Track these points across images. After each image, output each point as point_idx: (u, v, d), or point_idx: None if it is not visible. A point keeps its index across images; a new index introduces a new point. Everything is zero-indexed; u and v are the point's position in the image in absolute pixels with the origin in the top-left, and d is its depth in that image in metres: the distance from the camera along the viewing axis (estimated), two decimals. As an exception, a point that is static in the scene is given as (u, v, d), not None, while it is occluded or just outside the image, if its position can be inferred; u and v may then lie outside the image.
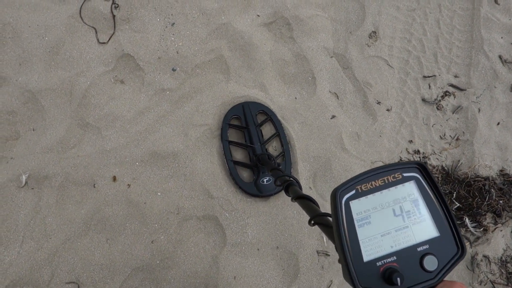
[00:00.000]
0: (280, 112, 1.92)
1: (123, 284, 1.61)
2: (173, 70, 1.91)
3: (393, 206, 0.65)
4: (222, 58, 1.96)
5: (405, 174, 0.67)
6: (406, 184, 0.66)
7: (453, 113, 2.08)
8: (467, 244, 1.87)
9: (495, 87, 2.15)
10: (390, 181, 0.66)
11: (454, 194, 1.91)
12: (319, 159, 1.89)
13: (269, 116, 1.90)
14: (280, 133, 1.88)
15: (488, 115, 2.10)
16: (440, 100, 2.09)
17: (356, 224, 0.64)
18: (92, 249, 1.63)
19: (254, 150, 1.81)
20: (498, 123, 2.09)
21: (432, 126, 2.04)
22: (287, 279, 1.72)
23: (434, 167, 1.96)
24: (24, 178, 1.65)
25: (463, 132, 2.05)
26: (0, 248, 1.59)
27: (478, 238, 1.89)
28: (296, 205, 1.79)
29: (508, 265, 1.87)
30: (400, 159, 1.96)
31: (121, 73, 1.87)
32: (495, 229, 1.90)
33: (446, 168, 1.97)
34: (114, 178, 1.73)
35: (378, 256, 0.62)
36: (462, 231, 1.89)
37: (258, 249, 1.73)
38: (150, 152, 1.78)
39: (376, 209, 0.65)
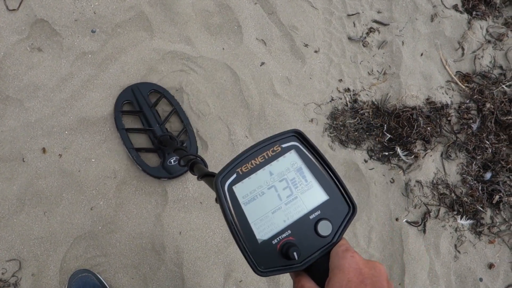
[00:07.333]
0: (208, 65, 1.90)
1: (67, 254, 1.59)
2: (93, 32, 1.84)
3: (278, 180, 0.64)
4: (143, 15, 1.89)
5: (283, 145, 0.65)
6: (287, 155, 0.65)
7: (378, 48, 2.13)
8: (400, 172, 1.96)
9: (416, 19, 2.20)
10: (270, 155, 0.65)
11: (385, 127, 1.98)
12: (252, 107, 1.89)
13: (162, 93, 1.80)
14: (177, 109, 1.80)
15: (412, 46, 2.16)
16: (365, 37, 2.13)
17: (244, 207, 0.62)
18: (30, 224, 1.59)
19: (154, 132, 1.72)
20: (422, 54, 2.16)
21: (360, 63, 2.09)
22: (232, 228, 1.75)
23: (364, 102, 2.02)
24: None
25: (389, 66, 2.11)
26: None
27: (410, 165, 1.98)
28: (234, 151, 1.81)
29: (439, 186, 1.99)
30: (332, 99, 2.00)
31: (37, 40, 1.78)
32: (425, 155, 2.00)
33: (376, 102, 2.03)
34: (44, 150, 1.67)
35: (272, 234, 0.60)
36: (395, 161, 1.97)
37: (200, 202, 1.75)
38: (78, 119, 1.72)
39: (262, 187, 0.63)
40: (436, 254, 1.91)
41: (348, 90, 2.03)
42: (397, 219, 1.91)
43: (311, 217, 0.62)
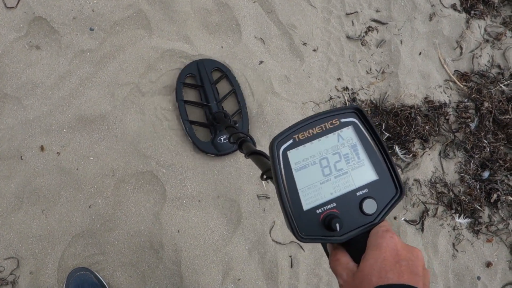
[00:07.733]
0: (207, 63, 1.89)
1: (65, 252, 1.59)
2: (91, 29, 1.83)
3: (332, 153, 0.65)
4: (142, 13, 1.89)
5: (342, 120, 0.66)
6: (344, 129, 0.66)
7: (377, 47, 2.13)
8: (397, 170, 1.96)
9: (414, 18, 2.20)
10: (327, 128, 0.65)
11: (384, 125, 1.98)
12: (250, 105, 1.89)
13: (225, 73, 1.87)
14: (236, 90, 1.87)
15: (410, 46, 2.16)
16: (364, 36, 2.13)
17: (295, 173, 0.63)
18: (28, 222, 1.59)
19: (210, 108, 1.79)
20: (420, 53, 2.17)
21: (358, 62, 2.09)
22: (231, 226, 1.75)
23: (363, 101, 2.02)
24: None
25: (388, 65, 2.11)
26: None
27: (408, 164, 1.99)
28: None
29: (437, 185, 1.99)
30: (330, 97, 2.00)
31: (36, 38, 1.78)
32: (423, 153, 2.00)
33: (374, 101, 2.04)
34: (42, 148, 1.67)
35: (317, 204, 0.62)
36: (393, 159, 1.97)
37: (199, 200, 1.75)
38: (77, 117, 1.72)
39: (315, 157, 0.64)
40: (434, 253, 1.92)
41: (346, 88, 2.03)
42: (395, 218, 1.92)
43: (358, 193, 0.63)
